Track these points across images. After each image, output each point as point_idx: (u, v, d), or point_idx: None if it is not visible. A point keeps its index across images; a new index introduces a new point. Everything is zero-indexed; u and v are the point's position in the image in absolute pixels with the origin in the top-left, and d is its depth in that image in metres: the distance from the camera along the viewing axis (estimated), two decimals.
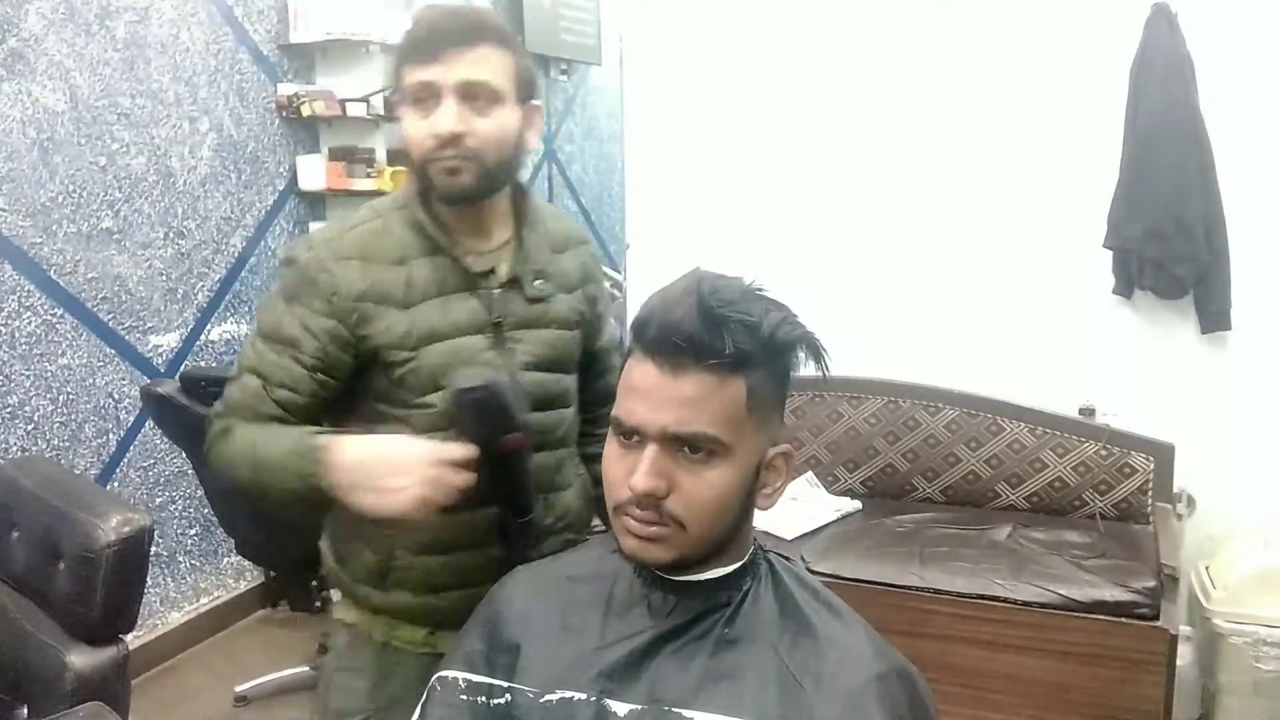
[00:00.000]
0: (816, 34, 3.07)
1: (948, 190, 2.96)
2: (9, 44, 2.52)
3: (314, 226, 3.47)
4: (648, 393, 0.88)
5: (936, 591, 2.32)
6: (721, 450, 0.88)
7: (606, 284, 1.50)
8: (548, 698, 0.92)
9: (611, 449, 0.93)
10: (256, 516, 2.55)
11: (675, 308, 0.88)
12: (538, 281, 1.30)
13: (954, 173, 2.94)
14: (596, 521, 1.43)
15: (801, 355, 0.93)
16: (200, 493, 2.89)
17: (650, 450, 0.88)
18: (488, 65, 1.18)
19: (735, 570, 0.95)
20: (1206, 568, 2.55)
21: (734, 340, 0.86)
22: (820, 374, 0.94)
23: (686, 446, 0.88)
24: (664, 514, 0.89)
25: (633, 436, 0.90)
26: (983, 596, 2.28)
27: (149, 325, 2.96)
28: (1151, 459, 2.64)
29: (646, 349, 0.89)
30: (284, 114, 3.35)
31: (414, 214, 1.25)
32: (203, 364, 3.12)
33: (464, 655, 1.00)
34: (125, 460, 2.92)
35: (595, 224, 5.33)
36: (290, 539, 2.63)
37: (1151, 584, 2.22)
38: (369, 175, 3.43)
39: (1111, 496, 2.68)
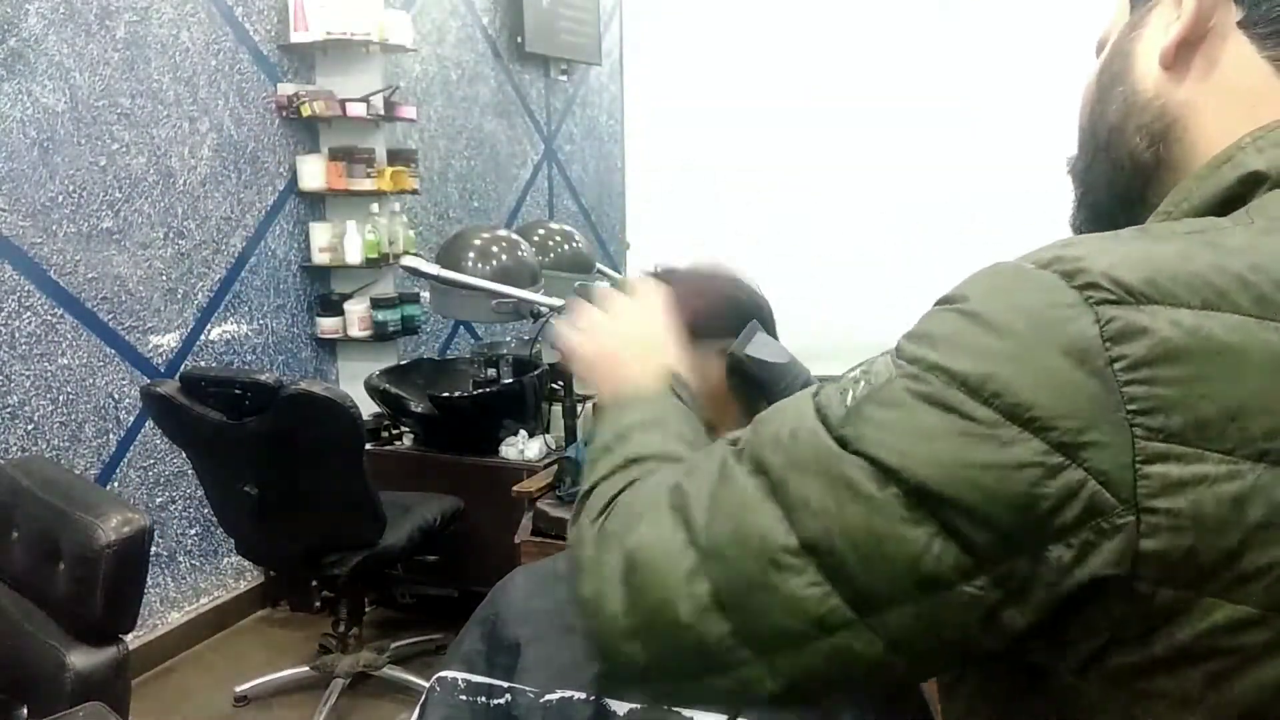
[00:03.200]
0: (815, 34, 3.07)
1: (947, 190, 2.96)
2: (9, 44, 2.52)
3: (314, 227, 3.47)
4: None
5: None
6: None
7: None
8: (548, 698, 0.92)
9: None
10: (258, 516, 2.56)
11: None
12: None
13: (953, 173, 2.94)
14: None
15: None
16: (200, 493, 2.89)
17: None
18: None
19: None
20: None
21: None
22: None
23: None
24: None
25: None
26: None
27: (149, 325, 2.96)
28: None
29: None
30: (284, 114, 3.35)
31: None
32: (203, 364, 3.12)
33: (463, 655, 1.00)
34: (125, 460, 2.92)
35: (595, 224, 5.33)
36: (290, 539, 2.64)
37: None
38: (369, 175, 3.43)
39: None
